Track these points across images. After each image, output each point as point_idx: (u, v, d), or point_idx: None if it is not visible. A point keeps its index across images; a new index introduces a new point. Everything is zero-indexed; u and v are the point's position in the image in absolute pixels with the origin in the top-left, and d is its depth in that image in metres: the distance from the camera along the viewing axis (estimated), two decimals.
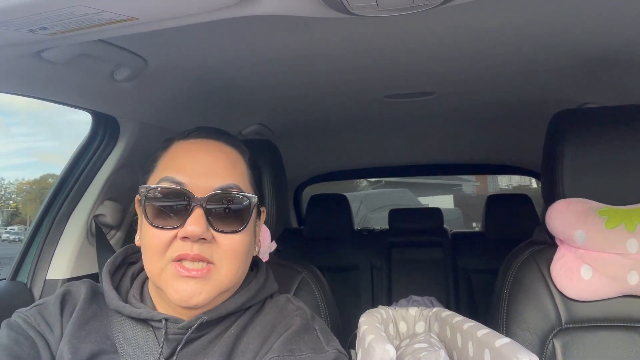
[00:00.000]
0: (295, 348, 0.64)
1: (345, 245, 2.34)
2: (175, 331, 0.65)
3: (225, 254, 0.65)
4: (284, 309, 0.73)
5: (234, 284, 0.69)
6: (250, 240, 0.70)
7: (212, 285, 0.65)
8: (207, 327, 0.67)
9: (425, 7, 0.71)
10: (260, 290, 0.73)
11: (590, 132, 0.96)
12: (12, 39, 0.70)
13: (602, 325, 0.93)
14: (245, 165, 0.72)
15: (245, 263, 0.70)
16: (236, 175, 0.69)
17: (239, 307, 0.69)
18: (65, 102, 1.06)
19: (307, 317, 0.71)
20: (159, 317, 0.66)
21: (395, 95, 1.44)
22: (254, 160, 0.75)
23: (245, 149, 0.75)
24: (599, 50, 1.08)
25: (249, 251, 0.70)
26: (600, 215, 0.92)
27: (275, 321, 0.70)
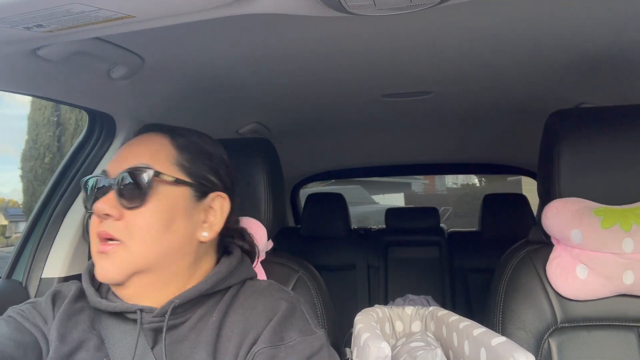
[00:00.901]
0: (284, 335, 0.67)
1: (342, 244, 2.35)
2: (151, 319, 0.67)
3: (130, 230, 0.67)
4: (265, 293, 0.73)
5: (152, 264, 0.68)
6: (163, 218, 0.68)
7: (121, 262, 0.67)
8: (184, 312, 0.69)
9: (422, 7, 0.71)
10: (234, 273, 0.74)
11: (586, 131, 0.96)
12: (8, 37, 0.70)
13: (598, 325, 0.94)
14: (173, 148, 0.73)
15: (162, 243, 0.68)
16: (152, 156, 0.71)
17: (209, 289, 0.70)
18: (61, 100, 1.06)
19: (292, 299, 0.73)
20: (133, 309, 0.68)
21: (393, 95, 1.44)
22: (195, 145, 0.75)
23: (181, 136, 0.75)
24: (595, 50, 1.08)
25: (164, 229, 0.68)
26: (596, 215, 0.93)
27: (257, 304, 0.71)
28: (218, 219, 0.74)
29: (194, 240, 0.72)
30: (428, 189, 9.74)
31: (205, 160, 0.74)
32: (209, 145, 0.77)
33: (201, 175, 0.73)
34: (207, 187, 0.73)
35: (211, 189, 0.74)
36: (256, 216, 1.01)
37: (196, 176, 0.72)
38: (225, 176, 0.77)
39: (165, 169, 0.70)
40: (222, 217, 0.74)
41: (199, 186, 0.72)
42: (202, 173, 0.73)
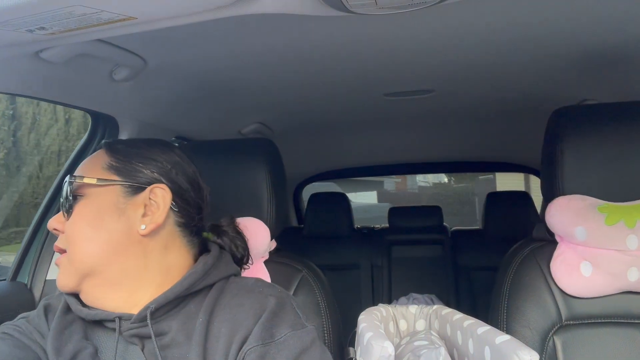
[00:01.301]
0: (275, 332, 0.67)
1: (345, 244, 2.34)
2: (130, 326, 0.67)
3: (68, 238, 0.71)
4: (253, 290, 0.73)
5: (94, 264, 0.70)
6: (91, 218, 0.71)
7: (67, 270, 0.71)
8: (165, 316, 0.69)
9: (424, 5, 0.71)
10: (210, 272, 0.74)
11: (589, 128, 0.96)
12: (11, 39, 0.70)
13: (603, 322, 0.93)
14: (106, 154, 0.75)
15: (96, 243, 0.70)
16: (85, 166, 0.75)
17: (187, 289, 0.70)
18: (63, 102, 1.06)
19: (281, 294, 0.73)
20: (112, 316, 0.69)
21: (395, 94, 1.44)
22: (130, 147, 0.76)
23: (119, 143, 0.78)
24: (599, 47, 1.08)
25: (94, 230, 0.70)
26: (600, 212, 0.92)
27: (245, 302, 0.71)
28: (159, 211, 0.73)
29: (132, 235, 0.71)
30: (400, 187, 9.83)
31: (139, 158, 0.75)
32: (151, 145, 0.77)
33: (134, 171, 0.73)
34: (142, 182, 0.73)
35: (148, 182, 0.73)
36: (259, 216, 1.01)
37: (127, 173, 0.73)
38: (169, 170, 0.75)
39: (92, 174, 0.72)
40: (164, 209, 0.73)
41: (130, 182, 0.73)
42: (135, 169, 0.73)
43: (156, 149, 0.77)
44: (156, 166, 0.75)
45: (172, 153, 0.78)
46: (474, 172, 2.67)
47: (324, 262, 2.21)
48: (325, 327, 0.99)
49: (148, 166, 0.74)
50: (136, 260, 0.71)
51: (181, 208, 0.76)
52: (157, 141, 0.80)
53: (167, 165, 0.76)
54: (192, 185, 0.78)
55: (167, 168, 0.75)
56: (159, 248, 0.73)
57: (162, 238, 0.74)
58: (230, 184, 1.04)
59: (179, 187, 0.76)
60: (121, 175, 0.73)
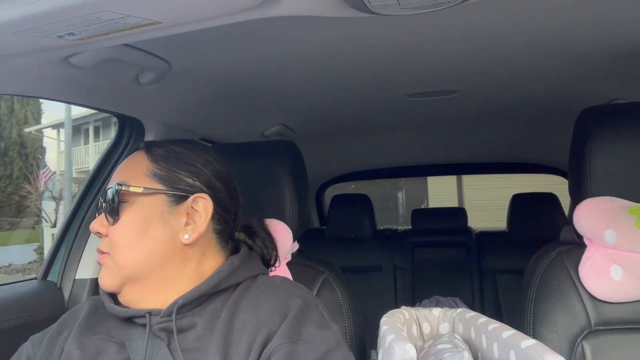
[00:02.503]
0: (302, 330, 0.68)
1: (367, 246, 2.33)
2: (159, 320, 0.70)
3: (112, 243, 0.73)
4: (279, 288, 0.75)
5: (137, 271, 0.72)
6: (137, 227, 0.72)
7: (111, 271, 0.73)
8: (191, 311, 0.71)
9: (447, 5, 0.70)
10: (237, 271, 0.75)
11: (618, 128, 0.93)
12: (42, 45, 0.73)
13: (634, 328, 0.91)
14: (148, 160, 0.76)
15: (141, 251, 0.72)
16: (127, 172, 0.76)
17: (212, 288, 0.72)
18: (91, 105, 1.09)
19: (306, 294, 0.74)
20: (142, 312, 0.71)
21: (418, 94, 1.43)
22: (171, 153, 0.77)
23: (158, 147, 0.78)
24: (628, 45, 1.05)
25: (139, 238, 0.72)
26: (631, 214, 0.90)
27: (270, 299, 0.72)
28: (202, 220, 0.75)
29: (176, 244, 0.73)
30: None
31: (181, 165, 0.76)
32: (189, 150, 0.79)
33: (177, 180, 0.75)
34: (185, 191, 0.75)
35: (190, 191, 0.75)
36: (281, 218, 1.01)
37: (171, 182, 0.74)
38: (209, 178, 0.77)
39: (137, 181, 0.73)
40: (206, 218, 0.75)
41: (174, 191, 0.74)
42: (178, 178, 0.75)
43: (195, 154, 0.78)
44: (197, 174, 0.76)
45: (209, 157, 0.80)
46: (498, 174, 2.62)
47: (346, 264, 2.20)
48: (348, 330, 0.99)
49: (190, 174, 0.76)
50: (176, 267, 0.74)
51: (220, 216, 0.78)
52: (192, 143, 0.81)
53: (207, 173, 0.77)
54: (229, 190, 0.80)
55: (207, 176, 0.77)
56: (197, 255, 0.76)
57: (201, 245, 0.76)
58: (253, 186, 1.05)
59: (219, 195, 0.78)
60: (165, 184, 0.74)
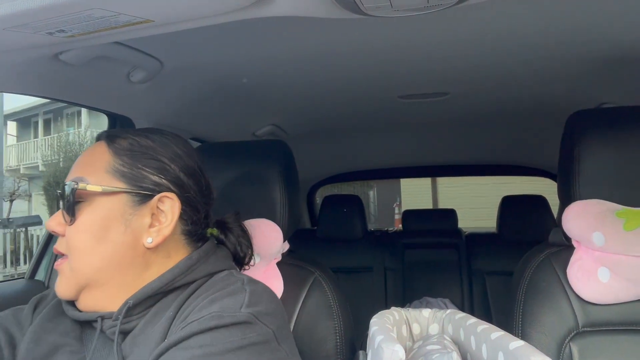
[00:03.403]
0: (202, 313, 0.60)
1: (358, 247, 2.34)
2: (111, 324, 0.65)
3: (69, 246, 0.67)
4: (218, 282, 0.68)
5: (94, 278, 0.66)
6: (94, 230, 0.66)
7: (67, 278, 0.67)
8: (144, 312, 0.66)
9: (439, 7, 0.70)
10: (196, 267, 0.69)
11: (607, 132, 0.94)
12: (31, 42, 0.72)
13: (621, 329, 0.92)
14: (109, 154, 0.69)
15: (99, 256, 0.66)
16: (87, 167, 0.68)
17: (163, 286, 0.66)
18: (81, 103, 1.08)
19: (243, 282, 0.67)
20: (94, 317, 0.67)
21: (409, 96, 1.43)
22: (135, 146, 0.69)
23: (121, 138, 0.70)
24: (617, 49, 1.06)
25: (97, 242, 0.66)
26: (619, 217, 0.91)
27: (206, 294, 0.65)
28: (168, 221, 0.68)
29: (138, 247, 0.67)
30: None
31: (146, 160, 0.69)
32: (156, 142, 0.71)
33: (141, 177, 0.68)
34: (150, 190, 0.68)
35: (156, 190, 0.68)
36: (272, 218, 1.01)
37: (134, 180, 0.67)
38: (177, 174, 0.70)
39: (97, 178, 0.67)
40: (173, 219, 0.68)
41: (138, 190, 0.67)
42: (143, 175, 0.68)
43: (162, 147, 0.71)
44: (164, 171, 0.70)
45: (179, 150, 0.73)
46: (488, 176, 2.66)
47: (337, 264, 2.21)
48: (338, 330, 0.99)
49: (156, 171, 0.69)
50: (137, 273, 0.68)
51: (189, 216, 0.71)
52: (160, 134, 0.74)
53: (175, 169, 0.71)
54: (200, 188, 0.73)
55: (175, 172, 0.70)
56: (162, 259, 0.70)
57: (166, 248, 0.70)
58: (244, 185, 1.04)
59: (188, 194, 0.71)
60: (127, 182, 0.67)
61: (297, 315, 0.99)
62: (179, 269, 0.68)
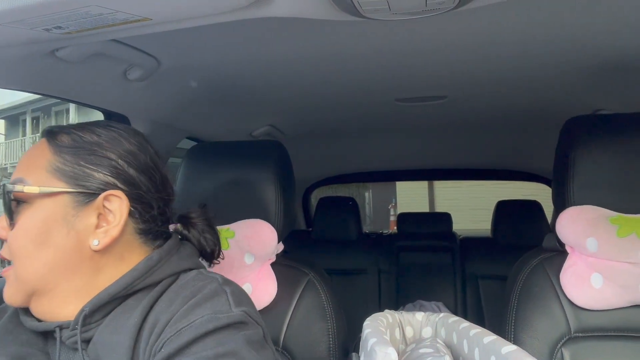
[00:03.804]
0: (192, 317, 0.59)
1: (353, 249, 2.34)
2: (69, 334, 0.62)
3: (11, 252, 0.63)
4: (189, 284, 0.65)
5: (40, 284, 0.63)
6: (34, 234, 0.62)
7: (12, 286, 0.64)
8: (104, 319, 0.63)
9: (437, 12, 0.70)
10: (157, 267, 0.66)
11: (602, 138, 0.95)
12: (28, 38, 0.71)
13: (613, 335, 0.92)
14: (50, 152, 0.64)
15: (41, 261, 0.62)
16: (28, 167, 0.65)
17: (121, 290, 0.63)
18: (78, 100, 1.08)
19: (217, 285, 0.65)
20: (52, 327, 0.63)
21: (407, 99, 1.43)
22: (78, 142, 0.65)
23: (64, 134, 0.66)
24: (614, 56, 1.07)
25: (37, 247, 0.62)
26: (612, 224, 0.91)
27: (176, 299, 0.63)
28: (116, 221, 0.64)
29: (84, 251, 0.63)
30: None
31: (90, 157, 0.64)
32: (103, 138, 0.66)
33: (84, 176, 0.64)
34: (94, 189, 0.64)
35: (101, 189, 0.64)
36: (266, 218, 1.01)
37: (77, 179, 0.63)
38: (126, 171, 0.66)
39: (36, 178, 0.63)
40: (120, 219, 0.64)
41: (79, 189, 0.63)
42: (86, 173, 0.64)
43: (110, 143, 0.66)
44: (109, 166, 0.65)
45: (128, 144, 0.67)
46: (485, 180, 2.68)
47: (331, 266, 2.21)
48: (331, 332, 0.99)
49: (100, 167, 0.64)
50: (87, 277, 0.64)
51: (141, 214, 0.67)
52: (108, 127, 0.68)
53: (122, 163, 0.66)
54: (154, 183, 0.68)
55: (122, 167, 0.66)
56: (114, 261, 0.66)
57: (118, 250, 0.66)
58: (239, 185, 1.04)
59: (139, 190, 0.66)
60: (69, 181, 0.63)
61: (291, 317, 0.99)
62: (137, 271, 0.64)
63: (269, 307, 0.99)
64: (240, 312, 0.62)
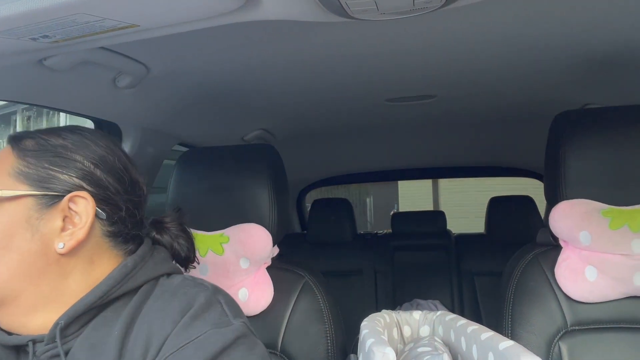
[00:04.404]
0: (193, 332, 0.59)
1: (348, 250, 2.34)
2: (44, 349, 0.60)
3: None
4: (177, 293, 0.64)
5: (6, 290, 0.61)
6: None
7: None
8: (80, 330, 0.62)
9: (425, 10, 0.71)
10: (134, 273, 0.65)
11: (592, 132, 0.96)
12: (14, 47, 0.71)
13: (608, 327, 0.93)
14: (13, 156, 0.64)
15: (4, 266, 0.61)
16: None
17: (100, 298, 0.62)
18: (67, 109, 1.07)
19: (209, 293, 0.65)
20: (25, 341, 0.61)
21: (397, 99, 1.44)
22: (42, 145, 0.65)
23: (28, 138, 0.66)
24: (601, 51, 1.08)
25: (2, 250, 0.61)
26: (604, 216, 0.92)
27: (165, 307, 0.62)
28: (82, 223, 0.63)
29: (49, 254, 0.62)
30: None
31: (54, 159, 0.64)
32: (68, 140, 0.66)
33: (47, 178, 0.63)
34: (58, 190, 0.63)
35: (65, 190, 0.63)
36: (261, 222, 1.01)
37: (40, 181, 0.62)
38: (92, 172, 0.65)
39: (3, 182, 0.62)
40: (87, 221, 0.63)
41: (42, 191, 0.62)
42: (50, 175, 0.63)
43: (76, 145, 0.66)
44: (75, 168, 0.64)
45: (95, 146, 0.67)
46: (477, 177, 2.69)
47: (327, 268, 2.20)
48: (329, 333, 0.99)
49: (65, 169, 0.64)
50: (54, 283, 0.62)
51: (109, 216, 0.66)
52: (74, 131, 0.68)
53: (89, 165, 0.65)
54: (122, 184, 0.67)
55: (89, 168, 0.65)
56: (83, 265, 0.64)
57: (86, 253, 0.64)
58: (233, 190, 1.04)
59: (106, 191, 0.65)
60: (32, 184, 0.62)
61: (288, 320, 0.98)
62: (113, 279, 0.63)
63: (266, 311, 0.99)
64: (241, 324, 0.62)
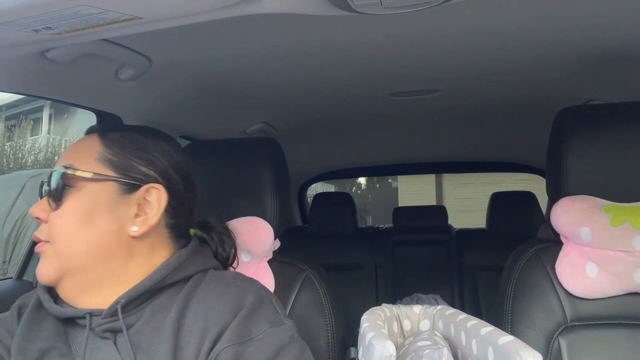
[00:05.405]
0: (252, 329, 0.65)
1: (349, 244, 2.34)
2: (101, 321, 0.65)
3: (52, 231, 0.67)
4: (231, 285, 0.70)
5: (77, 263, 0.66)
6: (80, 215, 0.67)
7: (50, 262, 0.67)
8: (135, 309, 0.67)
9: (428, 5, 0.70)
10: (186, 264, 0.71)
11: (595, 128, 0.96)
12: (17, 39, 0.71)
13: (608, 323, 0.93)
14: (100, 144, 0.70)
15: (83, 241, 0.66)
16: (76, 155, 0.70)
17: (158, 283, 0.68)
18: (69, 101, 1.07)
19: (260, 290, 0.71)
20: (82, 313, 0.66)
21: (400, 93, 1.43)
22: (126, 138, 0.72)
23: (113, 131, 0.73)
24: (605, 47, 1.07)
25: (81, 227, 0.66)
26: (606, 213, 0.92)
27: (222, 297, 0.68)
28: (154, 212, 0.70)
29: (122, 236, 0.68)
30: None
31: (136, 152, 0.71)
32: (147, 137, 0.73)
33: (130, 167, 0.70)
34: (138, 180, 0.70)
35: (144, 181, 0.70)
36: (262, 215, 1.01)
37: (124, 169, 0.69)
38: (165, 168, 0.72)
39: (87, 165, 0.68)
40: (159, 211, 0.70)
41: (126, 179, 0.69)
42: (132, 165, 0.70)
43: (152, 141, 0.73)
44: (153, 163, 0.71)
45: (169, 147, 0.75)
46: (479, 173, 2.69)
47: (328, 261, 2.21)
48: (329, 327, 0.99)
49: (145, 162, 0.71)
50: (120, 262, 0.69)
51: (174, 209, 0.73)
52: (151, 131, 0.76)
53: (164, 162, 0.73)
54: (186, 184, 0.75)
55: (163, 166, 0.72)
56: (146, 250, 0.71)
57: (151, 240, 0.71)
58: (234, 183, 1.04)
59: (175, 188, 0.73)
60: (116, 171, 0.69)
61: (289, 313, 0.99)
62: (170, 266, 0.69)
63: None
64: (292, 324, 0.69)
